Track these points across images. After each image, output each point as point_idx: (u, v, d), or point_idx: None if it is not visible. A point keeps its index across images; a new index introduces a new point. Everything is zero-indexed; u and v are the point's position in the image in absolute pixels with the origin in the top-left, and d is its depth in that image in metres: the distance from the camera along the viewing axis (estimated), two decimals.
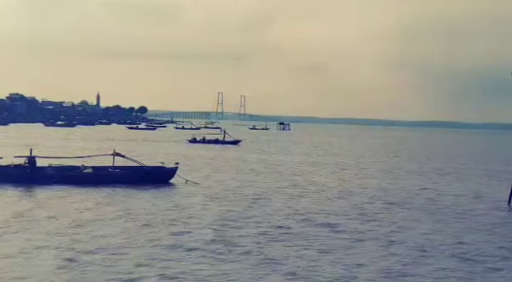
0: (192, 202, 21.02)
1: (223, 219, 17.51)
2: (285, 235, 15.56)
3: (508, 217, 20.74)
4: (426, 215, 19.90)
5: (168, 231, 15.49)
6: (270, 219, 17.97)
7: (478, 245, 15.16)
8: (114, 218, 17.27)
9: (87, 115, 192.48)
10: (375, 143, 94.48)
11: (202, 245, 13.99)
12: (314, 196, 23.80)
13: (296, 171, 35.13)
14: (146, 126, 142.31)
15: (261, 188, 25.88)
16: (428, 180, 32.44)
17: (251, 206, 20.54)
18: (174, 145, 61.19)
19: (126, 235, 14.89)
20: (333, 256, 13.35)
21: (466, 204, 22.99)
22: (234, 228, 16.24)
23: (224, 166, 37.25)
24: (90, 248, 13.28)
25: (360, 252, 13.84)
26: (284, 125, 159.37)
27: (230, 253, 13.32)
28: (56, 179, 24.51)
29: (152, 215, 17.93)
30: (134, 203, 20.52)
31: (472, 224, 18.32)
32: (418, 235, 16.22)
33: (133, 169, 26.69)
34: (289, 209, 20.02)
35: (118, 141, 65.31)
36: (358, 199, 23.12)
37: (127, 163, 27.08)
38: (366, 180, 31.08)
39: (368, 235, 15.91)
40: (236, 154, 49.76)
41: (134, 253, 13.02)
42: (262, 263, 12.58)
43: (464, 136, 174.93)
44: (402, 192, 26.02)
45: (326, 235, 15.82)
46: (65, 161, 27.36)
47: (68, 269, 11.64)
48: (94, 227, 15.82)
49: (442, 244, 15.04)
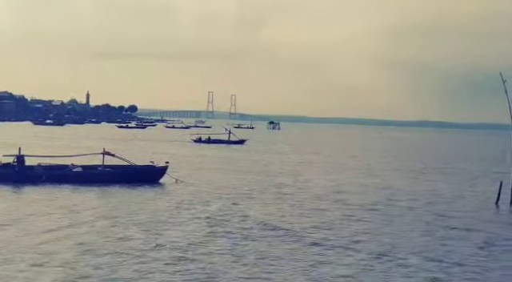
0: (178, 202, 20.91)
1: (203, 220, 17.47)
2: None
3: (495, 217, 20.86)
4: (411, 214, 19.97)
5: (146, 231, 15.34)
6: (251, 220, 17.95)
7: (460, 244, 15.23)
8: (92, 218, 17.04)
9: (77, 114, 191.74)
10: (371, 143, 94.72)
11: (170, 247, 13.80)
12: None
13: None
14: (136, 125, 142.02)
15: (247, 187, 25.90)
16: (415, 180, 32.58)
17: (237, 203, 20.55)
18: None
19: (103, 235, 14.73)
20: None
21: (454, 203, 23.10)
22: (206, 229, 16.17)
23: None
24: (60, 249, 13.10)
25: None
26: (274, 124, 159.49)
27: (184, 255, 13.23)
28: (45, 178, 24.39)
29: (133, 215, 17.82)
30: (118, 202, 20.43)
31: (457, 224, 18.34)
32: (400, 231, 16.30)
33: (123, 168, 26.58)
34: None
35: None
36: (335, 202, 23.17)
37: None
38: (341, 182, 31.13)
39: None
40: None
41: (101, 251, 12.91)
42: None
43: (456, 136, 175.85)
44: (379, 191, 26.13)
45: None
46: (54, 160, 27.20)
47: (34, 271, 11.36)
48: (73, 227, 15.65)
49: (426, 245, 15.10)
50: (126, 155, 28.73)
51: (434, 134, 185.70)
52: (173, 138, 74.81)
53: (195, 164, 37.38)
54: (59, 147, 47.65)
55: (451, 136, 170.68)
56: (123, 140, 66.99)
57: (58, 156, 29.12)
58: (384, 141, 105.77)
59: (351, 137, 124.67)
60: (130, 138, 72.52)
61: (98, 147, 28.42)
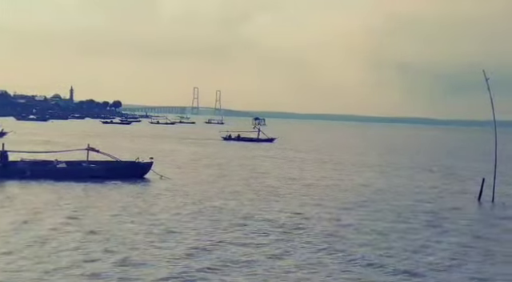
0: (159, 198, 20.93)
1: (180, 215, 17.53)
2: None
3: (478, 213, 21.12)
4: (391, 211, 20.14)
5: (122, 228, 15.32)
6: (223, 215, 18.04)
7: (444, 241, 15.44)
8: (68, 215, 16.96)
9: (60, 109, 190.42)
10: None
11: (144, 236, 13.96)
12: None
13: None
14: (121, 121, 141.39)
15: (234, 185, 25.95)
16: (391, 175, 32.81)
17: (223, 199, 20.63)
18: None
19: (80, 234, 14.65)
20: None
21: (436, 200, 23.33)
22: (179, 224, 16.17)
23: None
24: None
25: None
26: (259, 120, 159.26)
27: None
28: (29, 174, 24.26)
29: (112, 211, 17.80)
30: (99, 198, 20.42)
31: (441, 221, 18.55)
32: (377, 227, 16.48)
33: (107, 164, 26.51)
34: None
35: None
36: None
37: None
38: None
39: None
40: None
41: (70, 246, 12.97)
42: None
43: (440, 133, 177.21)
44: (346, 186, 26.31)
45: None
46: (38, 155, 27.06)
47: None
48: (50, 221, 15.67)
49: (404, 238, 15.28)
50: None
51: (414, 131, 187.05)
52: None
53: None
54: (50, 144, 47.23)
55: (431, 133, 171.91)
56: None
57: (41, 152, 28.95)
58: (366, 138, 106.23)
59: (337, 133, 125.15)
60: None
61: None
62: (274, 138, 67.33)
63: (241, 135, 66.57)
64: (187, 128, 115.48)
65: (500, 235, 16.35)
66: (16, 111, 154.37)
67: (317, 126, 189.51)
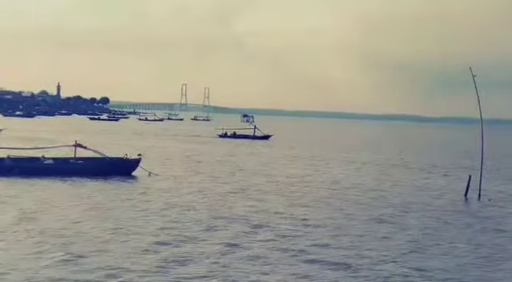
0: (147, 194, 20.88)
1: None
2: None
3: (465, 210, 21.28)
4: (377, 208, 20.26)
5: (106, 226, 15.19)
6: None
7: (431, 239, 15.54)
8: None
9: (47, 106, 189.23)
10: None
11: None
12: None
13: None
14: (108, 117, 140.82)
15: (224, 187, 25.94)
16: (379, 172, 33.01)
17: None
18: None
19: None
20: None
21: (423, 197, 23.48)
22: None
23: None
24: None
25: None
26: (248, 117, 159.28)
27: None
28: (16, 171, 24.13)
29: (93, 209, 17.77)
30: (86, 195, 20.31)
31: (427, 218, 18.65)
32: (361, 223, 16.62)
33: (95, 161, 26.41)
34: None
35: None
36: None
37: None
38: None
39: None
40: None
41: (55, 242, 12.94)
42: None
43: (429, 130, 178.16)
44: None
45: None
46: (24, 152, 26.87)
47: None
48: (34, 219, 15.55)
49: (389, 233, 15.39)
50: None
51: (412, 129, 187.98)
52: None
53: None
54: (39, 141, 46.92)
55: (421, 130, 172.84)
56: (121, 134, 66.03)
57: (28, 148, 28.76)
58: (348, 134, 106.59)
59: (326, 130, 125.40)
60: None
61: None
62: (269, 135, 67.47)
63: (236, 133, 66.64)
64: (176, 125, 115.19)
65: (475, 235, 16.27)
66: (2, 107, 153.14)
67: (306, 124, 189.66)
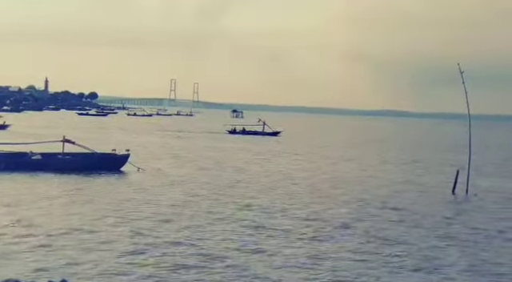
0: (134, 190, 20.87)
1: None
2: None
3: (452, 206, 21.42)
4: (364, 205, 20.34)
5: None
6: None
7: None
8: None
9: (35, 100, 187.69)
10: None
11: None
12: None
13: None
14: (97, 113, 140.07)
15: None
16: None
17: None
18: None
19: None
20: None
21: (411, 192, 23.61)
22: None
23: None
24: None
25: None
26: (237, 113, 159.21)
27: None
28: (3, 166, 23.98)
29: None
30: (73, 189, 20.29)
31: (412, 211, 18.76)
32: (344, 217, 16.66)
33: (83, 156, 26.29)
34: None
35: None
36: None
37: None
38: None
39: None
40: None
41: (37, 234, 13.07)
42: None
43: (412, 125, 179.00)
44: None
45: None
46: (12, 147, 26.69)
47: None
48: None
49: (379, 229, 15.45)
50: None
51: (394, 123, 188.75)
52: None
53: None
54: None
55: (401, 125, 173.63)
56: (111, 129, 65.58)
57: (16, 143, 28.57)
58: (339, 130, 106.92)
59: (315, 126, 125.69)
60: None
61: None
62: (279, 131, 67.34)
63: (246, 129, 66.59)
64: (169, 120, 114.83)
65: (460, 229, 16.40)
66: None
67: (297, 120, 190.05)
